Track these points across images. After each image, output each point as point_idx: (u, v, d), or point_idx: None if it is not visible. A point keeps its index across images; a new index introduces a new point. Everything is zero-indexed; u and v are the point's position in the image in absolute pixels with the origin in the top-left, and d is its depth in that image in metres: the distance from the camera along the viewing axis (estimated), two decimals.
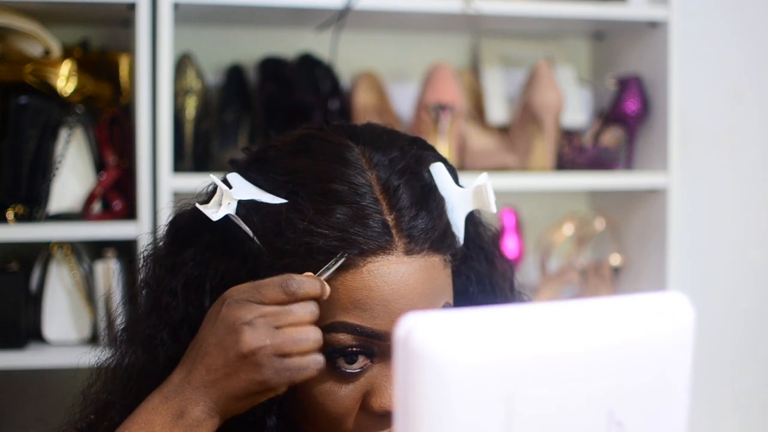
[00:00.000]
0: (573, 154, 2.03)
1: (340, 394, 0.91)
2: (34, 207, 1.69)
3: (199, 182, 1.00)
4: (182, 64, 1.86)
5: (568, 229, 2.12)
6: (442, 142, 1.89)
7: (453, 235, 0.95)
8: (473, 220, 1.02)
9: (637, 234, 2.10)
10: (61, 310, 1.75)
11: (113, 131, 1.79)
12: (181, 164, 1.81)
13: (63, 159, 1.72)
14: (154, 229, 1.50)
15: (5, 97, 1.69)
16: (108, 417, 0.93)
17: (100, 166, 1.77)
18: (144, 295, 0.98)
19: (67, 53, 1.80)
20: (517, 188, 2.05)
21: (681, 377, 0.73)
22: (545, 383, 0.66)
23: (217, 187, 0.93)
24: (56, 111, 1.71)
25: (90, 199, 1.74)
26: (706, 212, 2.31)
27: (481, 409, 0.64)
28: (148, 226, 1.69)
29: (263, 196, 0.93)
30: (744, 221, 2.34)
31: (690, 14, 2.17)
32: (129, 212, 1.77)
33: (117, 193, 1.77)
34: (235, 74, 1.97)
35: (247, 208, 0.92)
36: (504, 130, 2.09)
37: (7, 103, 1.68)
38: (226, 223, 0.92)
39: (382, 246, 0.89)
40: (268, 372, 0.83)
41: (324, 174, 0.92)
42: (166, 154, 1.72)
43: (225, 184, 0.93)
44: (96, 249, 1.80)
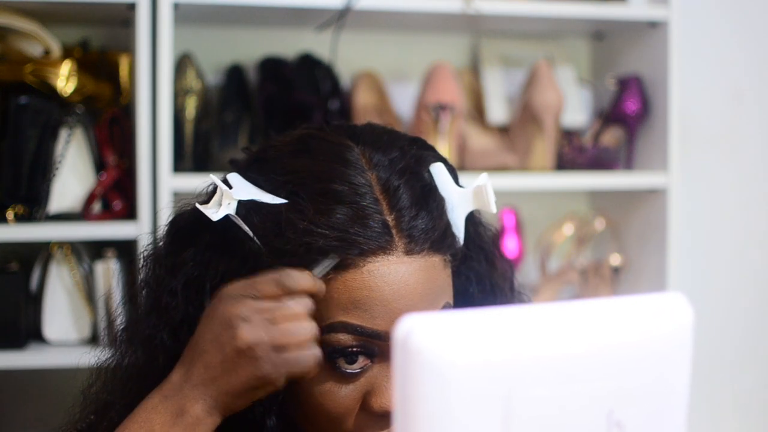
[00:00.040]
0: (573, 154, 2.03)
1: (341, 395, 0.91)
2: (34, 207, 1.69)
3: (199, 182, 1.00)
4: (182, 64, 1.86)
5: (568, 229, 2.12)
6: (442, 142, 1.89)
7: (453, 235, 0.95)
8: (473, 220, 1.02)
9: (637, 234, 2.10)
10: (61, 310, 1.75)
11: (113, 131, 1.79)
12: (181, 164, 1.81)
13: (63, 159, 1.72)
14: (154, 229, 1.50)
15: (5, 97, 1.69)
16: (108, 417, 0.93)
17: (100, 166, 1.77)
18: (144, 295, 0.98)
19: (67, 53, 1.80)
20: (517, 188, 2.05)
21: (681, 377, 0.73)
22: (544, 384, 0.66)
23: (217, 187, 0.93)
24: (56, 111, 1.71)
25: (90, 199, 1.74)
26: (706, 212, 2.31)
27: (480, 410, 0.64)
28: (148, 226, 1.69)
29: (263, 196, 0.93)
30: (744, 221, 2.34)
31: (690, 14, 2.17)
32: (129, 212, 1.77)
33: (117, 193, 1.77)
34: (235, 74, 1.97)
35: (247, 208, 0.92)
36: (504, 130, 2.09)
37: (7, 103, 1.68)
38: (226, 223, 0.92)
39: (382, 246, 0.89)
40: (266, 366, 0.83)
41: (324, 174, 0.92)
42: (166, 154, 1.72)
43: (225, 184, 0.93)
44: (96, 249, 1.80)
